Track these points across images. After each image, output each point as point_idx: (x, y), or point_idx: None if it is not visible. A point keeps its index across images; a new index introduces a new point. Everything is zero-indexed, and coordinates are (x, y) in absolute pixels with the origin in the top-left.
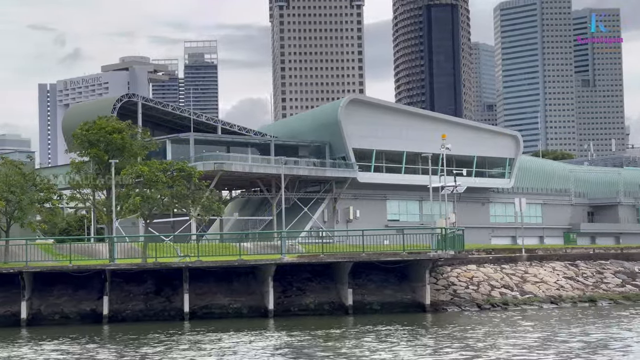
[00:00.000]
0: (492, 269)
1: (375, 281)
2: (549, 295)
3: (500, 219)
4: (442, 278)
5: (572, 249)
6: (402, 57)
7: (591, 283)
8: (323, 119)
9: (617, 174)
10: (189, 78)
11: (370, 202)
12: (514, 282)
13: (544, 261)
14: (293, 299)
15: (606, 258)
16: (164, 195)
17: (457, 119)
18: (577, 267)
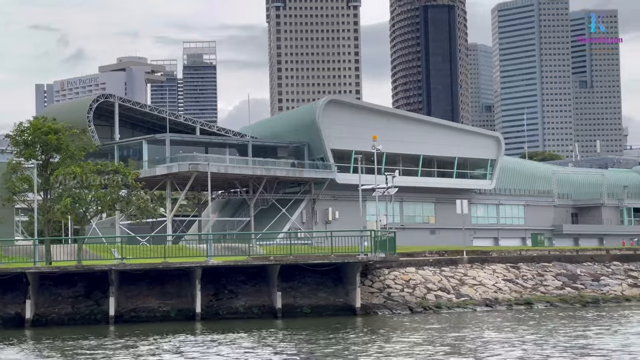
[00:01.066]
0: (431, 271)
1: (310, 284)
2: (485, 298)
3: (482, 220)
4: (378, 281)
5: (521, 252)
6: (399, 58)
7: (530, 285)
8: (302, 120)
9: (601, 175)
10: (188, 79)
11: (350, 203)
12: (451, 284)
13: (486, 263)
14: (224, 302)
15: (549, 260)
16: (97, 197)
17: (438, 120)
18: (519, 270)
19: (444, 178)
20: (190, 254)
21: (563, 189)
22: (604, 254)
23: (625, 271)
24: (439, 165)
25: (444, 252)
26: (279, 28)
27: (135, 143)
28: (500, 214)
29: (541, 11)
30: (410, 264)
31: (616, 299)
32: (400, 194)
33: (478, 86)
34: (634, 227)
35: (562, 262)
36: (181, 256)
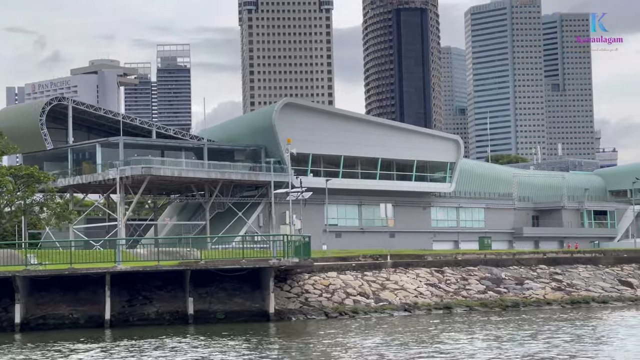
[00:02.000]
0: (353, 276)
1: (228, 290)
2: (404, 303)
3: (442, 223)
4: (297, 286)
5: (460, 255)
6: (371, 61)
7: (453, 290)
8: (258, 123)
9: (561, 178)
10: (162, 82)
11: (308, 206)
12: (372, 289)
13: (410, 268)
14: (136, 309)
15: (475, 264)
16: (11, 202)
17: (397, 123)
18: (443, 274)
19: (403, 181)
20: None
21: (524, 191)
22: (531, 257)
23: (551, 274)
24: (399, 169)
25: (378, 257)
26: (251, 31)
27: (89, 146)
28: (460, 217)
29: (514, 15)
30: (332, 269)
31: (537, 302)
32: (359, 197)
33: (452, 89)
34: (594, 230)
35: (489, 266)
36: (89, 262)
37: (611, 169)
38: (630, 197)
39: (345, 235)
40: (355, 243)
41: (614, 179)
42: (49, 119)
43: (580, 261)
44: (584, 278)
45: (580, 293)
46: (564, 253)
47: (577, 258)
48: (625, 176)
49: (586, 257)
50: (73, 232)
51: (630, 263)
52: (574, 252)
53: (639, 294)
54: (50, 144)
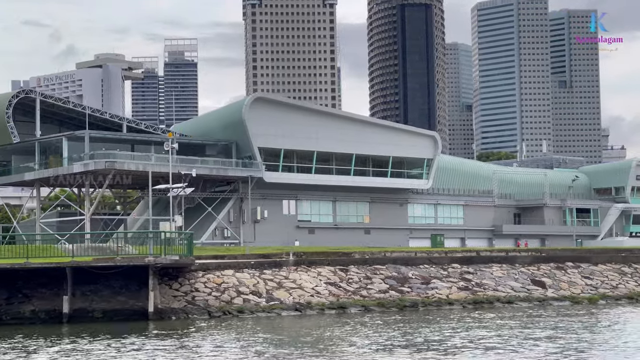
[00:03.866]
0: (249, 274)
1: (115, 287)
2: (297, 302)
3: (419, 220)
4: (187, 284)
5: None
6: (376, 57)
7: (353, 289)
8: (229, 117)
9: (543, 175)
10: (169, 76)
11: (280, 202)
12: (267, 288)
13: (313, 266)
14: (13, 307)
15: (383, 263)
16: None
17: (372, 118)
18: (347, 272)
19: (378, 177)
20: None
21: (505, 189)
22: (443, 256)
23: (461, 274)
24: (374, 165)
25: (302, 254)
26: (255, 26)
27: (56, 140)
28: (439, 214)
29: (520, 11)
30: (230, 267)
31: (438, 302)
32: (333, 193)
33: (459, 85)
34: (577, 228)
35: (397, 265)
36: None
37: (596, 166)
38: (614, 195)
39: (319, 232)
40: (329, 239)
41: (598, 177)
42: (19, 112)
43: (495, 260)
44: (496, 277)
45: (487, 293)
46: (486, 252)
47: (493, 257)
48: (609, 174)
49: (502, 256)
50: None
51: (548, 262)
52: (493, 250)
53: (548, 295)
54: (17, 137)
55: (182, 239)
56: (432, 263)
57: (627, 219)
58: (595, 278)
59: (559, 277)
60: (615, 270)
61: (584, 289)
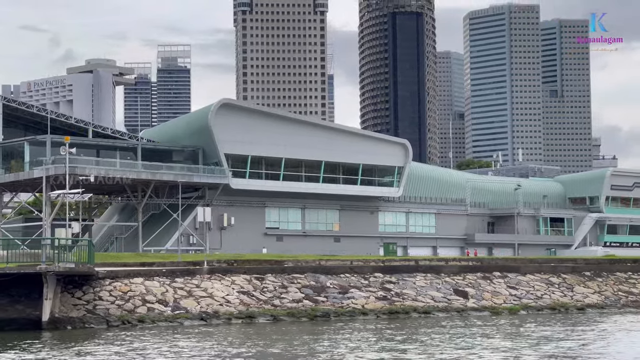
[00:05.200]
0: (159, 282)
1: (13, 295)
2: (203, 312)
3: (390, 228)
4: (91, 292)
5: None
6: (367, 64)
7: (266, 298)
8: (196, 123)
9: (517, 184)
10: (162, 82)
11: (248, 209)
12: (175, 297)
13: (228, 274)
14: None
15: (302, 271)
16: None
17: (342, 125)
18: (262, 281)
19: (348, 185)
20: None
21: (479, 197)
22: (365, 265)
23: (383, 283)
24: (345, 172)
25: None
26: (245, 32)
27: (18, 144)
28: (410, 222)
29: (512, 20)
30: (140, 274)
31: (352, 312)
32: (302, 201)
33: (451, 93)
34: (550, 237)
35: (317, 274)
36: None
37: (571, 175)
38: (589, 205)
39: (287, 239)
40: (298, 247)
41: (573, 186)
42: None
43: (420, 269)
44: (418, 287)
45: (405, 303)
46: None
47: (418, 266)
48: (584, 183)
49: (427, 266)
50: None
51: (475, 272)
52: (420, 259)
53: (469, 305)
54: None
55: (81, 246)
56: (354, 272)
57: (602, 228)
58: (520, 288)
59: (484, 287)
60: (542, 281)
61: (507, 299)
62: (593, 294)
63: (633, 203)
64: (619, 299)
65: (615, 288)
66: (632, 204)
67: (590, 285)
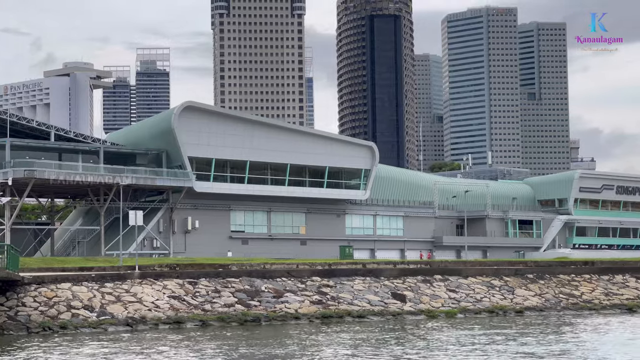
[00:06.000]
0: (87, 287)
1: None
2: (129, 317)
3: (358, 231)
4: (14, 298)
5: None
6: (345, 67)
7: (197, 303)
8: (160, 126)
9: (485, 186)
10: (141, 85)
11: (212, 212)
12: (102, 302)
13: (161, 279)
14: None
15: (238, 275)
16: None
17: (308, 128)
18: (195, 285)
19: (315, 188)
20: None
21: (447, 200)
22: (303, 268)
23: (320, 287)
24: (311, 175)
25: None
26: (223, 35)
27: None
28: (377, 225)
29: (490, 23)
30: (67, 280)
31: (284, 317)
32: (268, 204)
33: (430, 96)
34: (519, 239)
35: (252, 278)
36: None
37: (540, 178)
38: (558, 207)
39: (253, 243)
40: (264, 250)
41: (542, 188)
42: None
43: (359, 273)
44: (355, 291)
45: (340, 307)
46: (351, 264)
47: (356, 270)
48: (553, 186)
49: (367, 269)
50: None
51: (415, 275)
52: (362, 262)
53: (405, 309)
54: None
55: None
56: (291, 276)
57: (571, 230)
58: (460, 291)
59: (423, 291)
60: (484, 284)
61: (445, 303)
62: (533, 297)
63: (602, 205)
64: (560, 301)
65: (556, 290)
66: (600, 206)
67: (532, 288)
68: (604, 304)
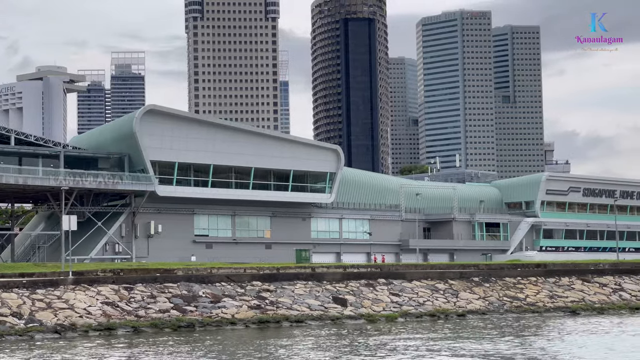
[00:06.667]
0: (18, 294)
1: None
2: (58, 324)
3: (323, 234)
4: None
5: None
6: (320, 70)
7: (131, 309)
8: (122, 130)
9: (452, 189)
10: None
11: (176, 216)
12: (32, 309)
13: (95, 284)
14: None
15: (175, 280)
16: None
17: (272, 131)
18: (130, 291)
19: (279, 191)
20: None
21: (414, 203)
22: (242, 273)
23: (259, 292)
24: (276, 179)
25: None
26: (197, 39)
27: None
28: (343, 229)
29: (464, 26)
30: None
31: (219, 322)
32: (232, 207)
33: (405, 99)
34: (486, 242)
35: (190, 283)
36: None
37: (507, 180)
38: (525, 210)
39: (217, 247)
40: (228, 255)
41: (509, 191)
42: None
43: (302, 277)
44: (296, 295)
45: (278, 312)
46: (299, 268)
47: (298, 274)
48: (520, 188)
49: (309, 273)
50: None
51: (359, 279)
52: (311, 267)
53: (345, 313)
54: None
55: None
56: (231, 281)
57: (538, 233)
58: (403, 295)
59: (365, 295)
60: (428, 287)
61: (387, 307)
62: (477, 300)
63: (569, 207)
64: (503, 304)
65: (501, 293)
66: (567, 209)
67: (477, 291)
68: (547, 306)
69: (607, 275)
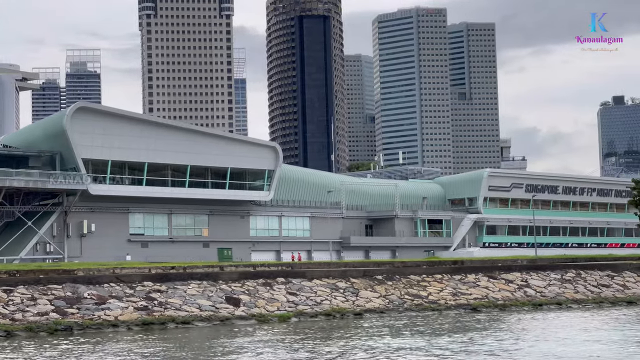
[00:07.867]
0: None
1: None
2: None
3: (262, 232)
4: None
5: None
6: (275, 67)
7: (8, 311)
8: (52, 128)
9: (394, 186)
10: (71, 87)
11: (110, 215)
12: None
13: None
14: None
15: (60, 282)
16: None
17: (209, 129)
18: (10, 293)
19: (217, 189)
20: None
21: (356, 200)
22: (134, 273)
23: (149, 292)
24: (214, 176)
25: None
26: (150, 37)
27: None
28: (283, 226)
29: (420, 23)
30: None
31: (100, 325)
32: (168, 206)
33: (362, 97)
34: (428, 239)
35: (77, 284)
36: None
37: (450, 177)
38: (467, 206)
39: (153, 246)
40: (164, 253)
41: (452, 188)
42: None
43: (196, 277)
44: (187, 296)
45: (165, 313)
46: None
47: (192, 274)
48: (463, 185)
49: (204, 272)
50: None
51: (257, 278)
52: (219, 265)
53: (236, 313)
54: None
55: None
56: (120, 281)
57: (480, 229)
58: (301, 294)
59: (261, 294)
60: (328, 286)
61: (281, 306)
62: (377, 298)
63: (511, 203)
64: (404, 302)
65: (403, 292)
66: (510, 205)
67: (378, 290)
68: (449, 304)
69: (515, 271)
